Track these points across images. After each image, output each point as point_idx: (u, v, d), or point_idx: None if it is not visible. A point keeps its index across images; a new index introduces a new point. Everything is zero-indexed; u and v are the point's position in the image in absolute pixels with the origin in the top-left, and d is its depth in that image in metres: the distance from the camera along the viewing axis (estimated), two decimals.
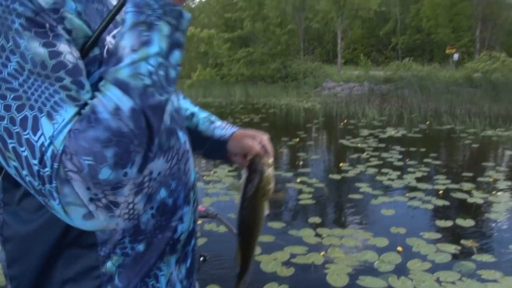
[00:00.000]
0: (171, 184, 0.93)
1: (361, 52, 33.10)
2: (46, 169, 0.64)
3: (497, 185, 6.34)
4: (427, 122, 12.47)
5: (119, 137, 0.66)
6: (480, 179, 6.66)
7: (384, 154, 8.34)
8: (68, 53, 0.69)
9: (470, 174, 6.91)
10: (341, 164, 7.68)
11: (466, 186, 6.27)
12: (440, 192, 6.00)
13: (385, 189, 6.22)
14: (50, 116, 0.66)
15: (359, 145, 9.34)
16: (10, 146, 0.66)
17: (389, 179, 6.66)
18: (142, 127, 0.68)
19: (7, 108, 0.65)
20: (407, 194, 5.95)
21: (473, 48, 33.90)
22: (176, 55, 0.75)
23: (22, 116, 0.65)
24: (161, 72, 0.71)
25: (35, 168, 0.65)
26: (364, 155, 8.29)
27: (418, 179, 6.64)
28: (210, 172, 7.13)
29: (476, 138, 10.06)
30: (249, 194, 1.02)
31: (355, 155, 8.40)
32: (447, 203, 5.58)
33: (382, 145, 9.27)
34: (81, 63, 0.72)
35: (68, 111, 0.67)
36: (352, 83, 22.59)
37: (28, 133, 0.65)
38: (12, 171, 0.69)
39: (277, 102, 19.74)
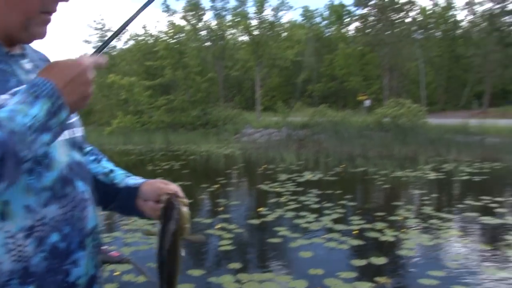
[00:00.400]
0: (64, 229, 0.98)
1: (279, 99, 34.16)
2: None
3: (407, 223, 6.67)
4: (342, 166, 12.98)
5: None
6: (391, 218, 6.98)
7: (302, 198, 8.54)
8: None
9: (383, 214, 7.23)
10: (260, 209, 7.75)
11: (379, 225, 6.53)
12: (355, 232, 6.21)
13: (303, 232, 6.34)
14: None
15: (277, 189, 9.50)
16: None
17: (306, 222, 6.80)
18: None
19: None
20: (324, 236, 6.09)
21: (382, 95, 36.10)
22: (45, 137, 0.84)
23: None
24: (29, 134, 0.80)
25: None
26: (282, 199, 8.44)
27: (335, 221, 6.84)
28: (129, 221, 6.92)
29: (387, 179, 10.58)
30: (170, 232, 1.04)
31: (274, 200, 8.53)
32: (361, 242, 5.78)
33: (300, 189, 9.49)
34: None
35: None
36: (271, 129, 23.12)
37: None
38: None
39: (197, 149, 19.72)
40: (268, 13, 28.24)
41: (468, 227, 6.60)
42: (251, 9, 28.69)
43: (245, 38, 31.55)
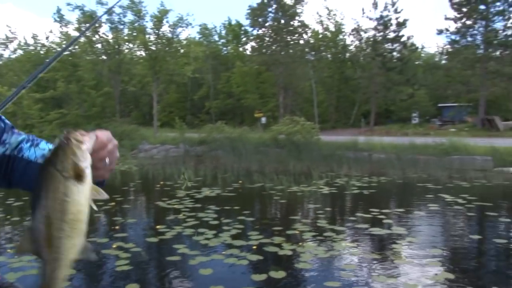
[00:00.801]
0: None
1: (177, 115, 33.83)
2: None
3: (304, 236, 6.87)
4: (240, 181, 13.10)
5: None
6: (288, 232, 7.14)
7: (201, 214, 8.46)
8: None
9: (280, 228, 7.38)
10: (158, 226, 7.55)
11: (277, 239, 6.65)
12: (254, 247, 6.26)
13: (203, 249, 6.26)
14: None
15: (175, 206, 9.33)
16: None
17: (205, 238, 6.73)
18: None
19: None
20: (223, 252, 6.07)
21: (278, 113, 37.27)
22: None
23: None
24: None
25: None
26: (181, 216, 8.30)
27: (233, 236, 6.85)
28: (15, 244, 6.37)
29: (283, 194, 10.85)
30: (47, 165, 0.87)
31: (172, 217, 8.35)
32: (260, 257, 5.84)
33: (198, 205, 9.41)
34: None
35: None
36: (168, 145, 22.82)
37: None
38: None
39: None
40: (166, 29, 27.98)
41: (360, 239, 6.94)
42: (148, 24, 28.13)
43: (142, 53, 30.93)
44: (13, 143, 1.18)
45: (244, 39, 44.78)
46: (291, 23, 36.83)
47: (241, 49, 45.32)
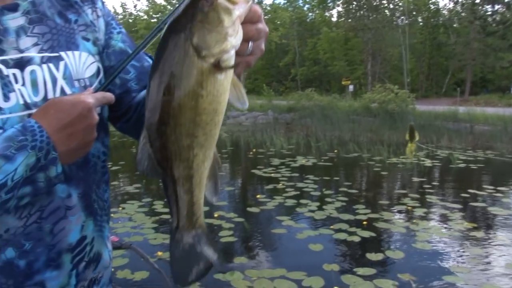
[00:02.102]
0: (24, 244, 0.81)
1: (263, 82, 33.66)
2: None
3: (415, 213, 6.31)
4: (335, 151, 12.59)
5: None
6: (397, 207, 6.62)
7: (300, 184, 8.12)
8: None
9: (387, 202, 6.89)
10: (258, 196, 7.30)
11: (386, 214, 6.17)
12: (364, 222, 5.82)
13: (308, 222, 5.92)
14: None
15: (272, 175, 9.07)
16: None
17: (309, 211, 6.38)
18: None
19: None
20: (331, 226, 5.69)
21: (366, 80, 35.98)
22: (25, 190, 0.73)
23: None
24: (1, 192, 0.70)
25: None
26: (279, 186, 8.01)
27: (339, 209, 6.44)
28: (118, 208, 6.40)
29: (383, 166, 10.24)
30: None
31: (270, 186, 8.09)
32: (373, 234, 5.39)
33: (296, 174, 9.08)
34: None
35: None
36: (256, 112, 22.66)
37: None
38: None
39: None
40: None
41: (480, 218, 6.27)
42: None
43: None
44: None
45: (330, 3, 43.28)
46: None
47: (327, 14, 43.92)
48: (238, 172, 10.49)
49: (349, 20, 37.39)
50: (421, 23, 40.96)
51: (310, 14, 45.55)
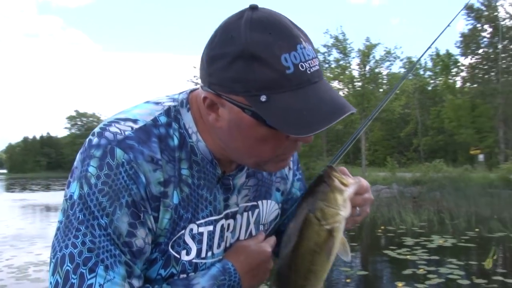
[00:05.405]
0: None
1: (383, 154, 32.59)
2: None
3: None
4: (476, 229, 11.25)
5: None
6: None
7: (442, 270, 7.16)
8: (141, 238, 0.85)
9: None
10: (398, 284, 6.49)
11: None
12: None
13: None
14: (106, 268, 0.81)
15: (408, 257, 8.18)
16: (65, 268, 0.81)
17: None
18: None
19: (83, 244, 0.81)
20: None
21: (498, 149, 33.23)
22: None
23: (88, 255, 0.81)
24: None
25: None
26: (420, 271, 7.11)
27: None
28: None
29: None
30: (303, 210, 0.88)
31: (408, 271, 7.22)
32: None
33: (435, 257, 8.10)
34: (147, 248, 0.87)
35: (119, 273, 0.82)
36: (379, 185, 21.63)
37: (85, 270, 0.80)
38: (51, 280, 0.82)
39: None
40: (372, 64, 27.30)
41: None
42: (354, 60, 27.76)
43: (345, 89, 30.64)
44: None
45: (454, 69, 41.56)
46: (511, 46, 32.97)
47: (451, 80, 42.12)
48: (370, 253, 9.66)
49: (475, 85, 35.43)
50: None
51: (431, 81, 44.09)
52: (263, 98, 0.79)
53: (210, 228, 0.95)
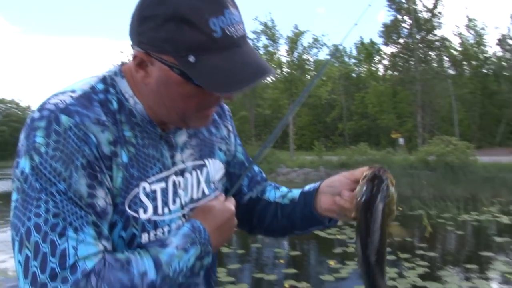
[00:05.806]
0: None
1: (309, 138, 33.40)
2: (65, 272, 0.78)
3: None
4: (398, 208, 11.80)
5: None
6: (488, 273, 5.89)
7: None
8: (102, 198, 0.86)
9: (474, 267, 6.15)
10: (331, 262, 6.69)
11: (480, 283, 5.44)
12: None
13: None
14: (76, 230, 0.81)
15: (337, 236, 8.45)
16: (32, 240, 0.79)
17: (390, 278, 5.73)
18: None
19: (47, 211, 0.80)
20: None
21: (416, 133, 35.08)
22: (183, 278, 0.95)
23: (55, 221, 0.80)
24: (176, 278, 0.92)
25: (51, 265, 0.78)
26: (350, 250, 7.37)
27: (423, 276, 5.77)
28: None
29: (456, 224, 9.44)
30: (379, 210, 0.99)
31: (338, 249, 7.48)
32: None
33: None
34: (109, 209, 0.88)
35: (90, 233, 0.82)
36: (307, 168, 22.21)
37: (55, 236, 0.79)
38: (19, 258, 0.80)
39: None
40: (300, 51, 27.73)
41: None
42: (282, 46, 28.10)
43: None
44: (259, 189, 1.28)
45: (377, 58, 43.24)
46: (428, 37, 34.76)
47: (374, 68, 43.80)
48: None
49: (396, 73, 37.10)
50: (468, 73, 40.17)
51: (356, 69, 45.61)
52: (191, 58, 0.84)
53: (162, 184, 0.99)
